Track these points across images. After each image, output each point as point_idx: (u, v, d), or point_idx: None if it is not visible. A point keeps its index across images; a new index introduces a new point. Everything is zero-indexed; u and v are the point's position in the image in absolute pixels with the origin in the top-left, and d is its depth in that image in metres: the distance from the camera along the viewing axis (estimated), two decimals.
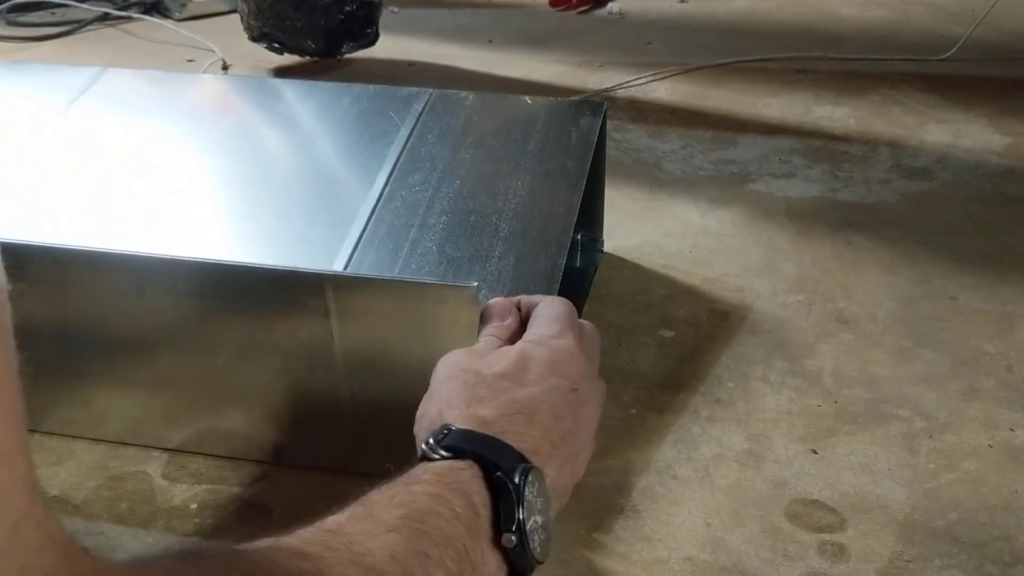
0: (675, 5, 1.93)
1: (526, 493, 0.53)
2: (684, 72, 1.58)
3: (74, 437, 0.83)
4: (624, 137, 1.36)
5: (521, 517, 0.52)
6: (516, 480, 0.53)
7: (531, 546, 0.52)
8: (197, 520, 0.76)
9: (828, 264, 1.07)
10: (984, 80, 1.53)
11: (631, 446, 0.83)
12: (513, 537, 0.52)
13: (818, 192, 1.22)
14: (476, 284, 0.70)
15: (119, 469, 0.81)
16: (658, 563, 0.72)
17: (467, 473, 0.53)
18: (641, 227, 1.15)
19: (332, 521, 0.49)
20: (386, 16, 1.61)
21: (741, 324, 0.97)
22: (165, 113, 1.02)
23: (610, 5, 1.90)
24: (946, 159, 1.29)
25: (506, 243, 0.85)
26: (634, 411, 0.87)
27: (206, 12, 1.93)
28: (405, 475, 0.53)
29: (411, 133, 0.96)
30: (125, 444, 0.83)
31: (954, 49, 1.58)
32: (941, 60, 1.57)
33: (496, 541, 0.52)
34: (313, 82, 1.06)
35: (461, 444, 0.54)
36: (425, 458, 0.54)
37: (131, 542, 0.74)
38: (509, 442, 0.55)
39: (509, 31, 1.81)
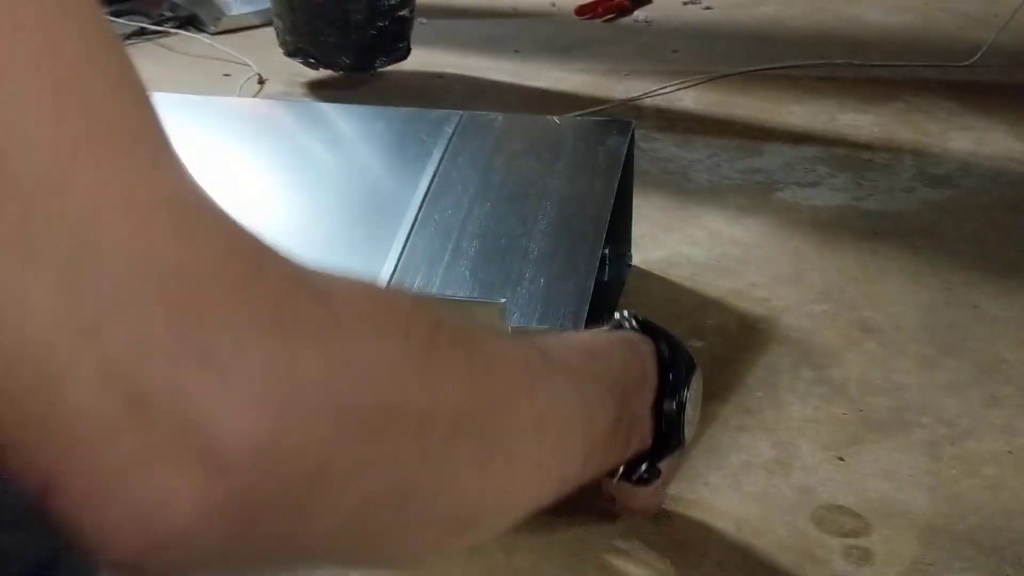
0: (700, 13, 1.95)
1: (692, 380, 0.59)
2: (709, 80, 1.60)
3: None
4: (651, 147, 1.39)
5: (684, 397, 0.58)
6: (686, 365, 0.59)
7: (684, 424, 0.58)
8: None
9: (853, 273, 1.10)
10: (1006, 87, 1.54)
11: None
12: (675, 404, 0.57)
13: (843, 201, 1.24)
14: (503, 300, 0.73)
15: None
16: (689, 567, 0.75)
17: (647, 348, 0.59)
18: (670, 237, 1.18)
19: None
20: (414, 27, 1.64)
21: (768, 334, 1.00)
22: (203, 139, 1.06)
23: (636, 13, 1.93)
24: (969, 167, 1.31)
25: (536, 266, 0.88)
26: None
27: (240, 26, 1.97)
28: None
29: (443, 156, 0.99)
30: None
31: (977, 55, 1.59)
32: (964, 66, 1.59)
33: (655, 407, 0.57)
34: (348, 106, 1.10)
35: (650, 320, 0.60)
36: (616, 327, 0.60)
37: None
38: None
39: (535, 41, 1.84)
